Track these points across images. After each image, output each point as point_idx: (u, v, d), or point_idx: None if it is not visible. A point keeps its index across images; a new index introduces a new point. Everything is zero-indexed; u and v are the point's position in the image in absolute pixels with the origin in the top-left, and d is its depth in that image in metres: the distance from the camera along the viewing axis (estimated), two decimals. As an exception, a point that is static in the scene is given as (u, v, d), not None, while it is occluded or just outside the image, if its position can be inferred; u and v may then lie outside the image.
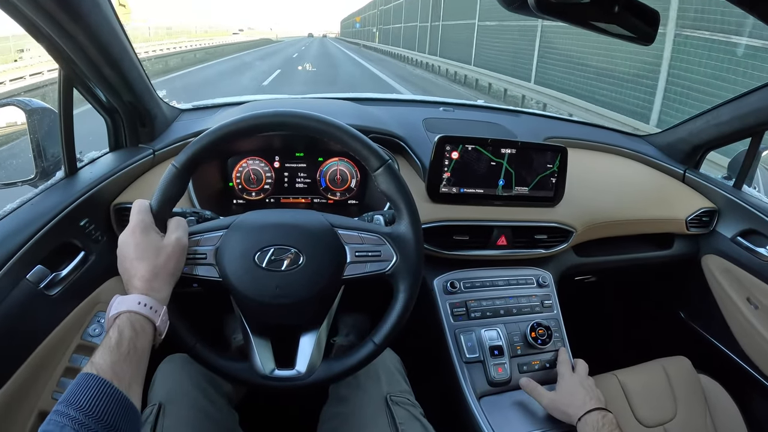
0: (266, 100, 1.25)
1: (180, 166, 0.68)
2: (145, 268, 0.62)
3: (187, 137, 1.02)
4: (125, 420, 0.50)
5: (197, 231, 0.70)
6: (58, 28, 0.72)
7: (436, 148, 0.92)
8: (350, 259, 0.70)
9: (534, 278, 1.04)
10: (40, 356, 0.76)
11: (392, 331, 0.71)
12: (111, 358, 0.53)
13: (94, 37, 0.77)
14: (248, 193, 1.02)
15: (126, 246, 0.64)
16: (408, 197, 0.71)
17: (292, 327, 0.73)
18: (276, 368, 0.70)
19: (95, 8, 0.75)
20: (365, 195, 1.05)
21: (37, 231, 0.78)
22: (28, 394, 0.74)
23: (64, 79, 0.83)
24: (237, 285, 0.68)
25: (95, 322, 0.86)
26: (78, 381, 0.51)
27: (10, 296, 0.72)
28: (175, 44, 20.66)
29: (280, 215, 0.72)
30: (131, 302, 0.59)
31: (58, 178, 0.88)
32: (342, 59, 21.45)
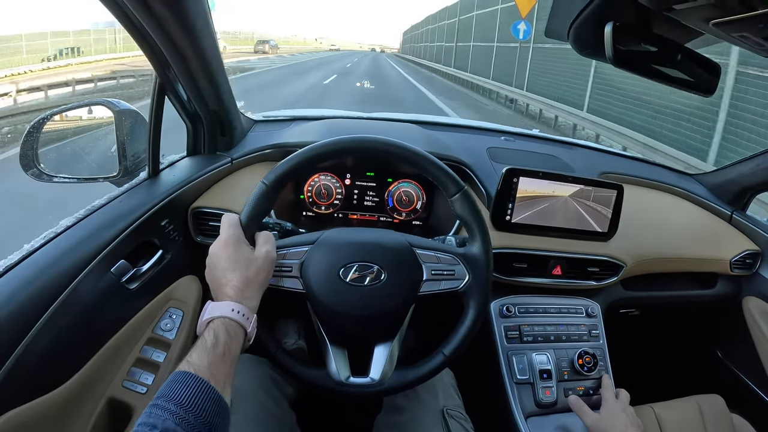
0: (339, 118, 1.29)
1: (270, 183, 0.73)
2: (238, 278, 0.66)
3: (264, 148, 1.06)
4: (220, 418, 0.54)
5: (284, 245, 0.75)
6: (166, 38, 0.77)
7: (503, 179, 0.96)
8: (426, 276, 0.74)
9: (583, 308, 1.06)
10: (114, 345, 0.80)
11: (461, 345, 0.76)
12: (208, 359, 0.56)
13: (201, 51, 0.82)
14: (318, 207, 1.06)
15: (218, 257, 0.68)
16: (482, 221, 0.76)
17: (368, 338, 0.78)
18: (351, 376, 0.75)
19: (205, 25, 0.80)
20: (429, 217, 1.08)
21: (125, 228, 0.82)
22: (101, 380, 0.78)
23: (158, 86, 0.87)
24: (321, 297, 0.73)
25: (167, 317, 0.90)
26: (176, 378, 0.54)
27: (95, 287, 0.76)
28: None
29: (363, 234, 0.77)
30: (225, 309, 0.62)
31: (142, 178, 0.93)
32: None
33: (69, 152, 1.00)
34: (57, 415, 0.68)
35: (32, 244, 0.74)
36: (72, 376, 0.71)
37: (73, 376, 0.71)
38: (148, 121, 0.89)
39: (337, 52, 57.99)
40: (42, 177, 0.94)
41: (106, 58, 19.04)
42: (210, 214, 0.96)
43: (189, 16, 0.75)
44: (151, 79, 0.89)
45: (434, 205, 1.08)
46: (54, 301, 0.68)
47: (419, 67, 26.99)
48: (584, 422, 0.88)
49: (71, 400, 0.71)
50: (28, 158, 0.93)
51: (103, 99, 0.93)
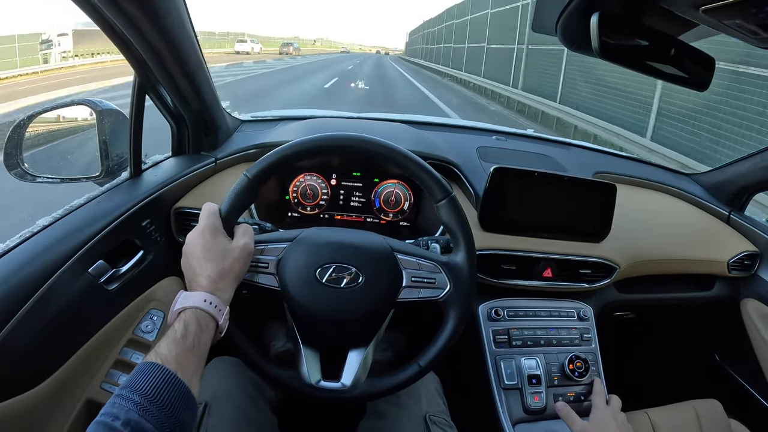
0: (326, 117, 1.28)
1: (252, 176, 0.71)
2: (212, 268, 0.64)
3: (248, 148, 1.05)
4: (186, 410, 0.52)
5: (262, 240, 0.73)
6: (141, 37, 0.76)
7: (491, 179, 0.94)
8: (406, 283, 0.72)
9: (575, 311, 1.04)
10: (92, 347, 0.79)
11: (437, 356, 0.74)
12: (176, 349, 0.55)
13: (175, 49, 0.81)
14: (303, 208, 1.04)
15: (194, 245, 0.66)
16: (467, 230, 0.73)
17: (342, 342, 0.76)
18: (322, 379, 0.73)
19: (180, 22, 0.78)
20: (417, 217, 1.06)
21: (102, 228, 0.81)
22: (78, 381, 0.77)
23: (138, 85, 0.86)
24: (295, 296, 0.71)
25: (148, 319, 0.89)
26: (142, 368, 0.52)
27: (71, 287, 0.75)
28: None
29: (343, 234, 0.75)
30: (197, 299, 0.61)
31: (123, 178, 0.92)
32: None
33: (53, 152, 0.99)
34: (31, 416, 0.67)
35: (7, 243, 0.73)
36: (48, 377, 0.70)
37: (49, 377, 0.70)
38: (129, 122, 0.88)
39: (347, 54, 60.30)
40: (26, 177, 0.93)
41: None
42: (193, 215, 0.95)
43: (160, 14, 0.73)
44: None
45: (422, 206, 1.06)
46: (27, 300, 0.67)
47: (426, 71, 25.03)
48: (572, 430, 0.86)
49: (47, 401, 0.70)
50: (12, 158, 0.92)
51: (85, 98, 0.92)
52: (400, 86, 15.02)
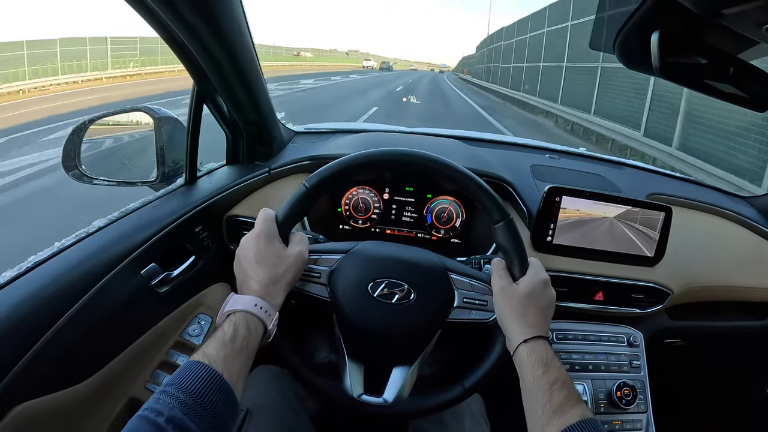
0: (379, 132, 1.28)
1: (311, 186, 0.71)
2: (265, 273, 0.64)
3: (302, 160, 1.06)
4: (229, 413, 0.52)
5: (316, 250, 0.73)
6: (203, 48, 0.78)
7: (545, 198, 0.92)
8: (457, 303, 0.71)
9: (625, 337, 1.00)
10: (140, 347, 0.81)
11: (482, 379, 0.73)
12: (224, 351, 0.55)
13: (235, 60, 0.82)
14: (355, 221, 1.04)
15: (248, 249, 0.67)
16: (522, 254, 0.72)
17: (387, 357, 0.75)
18: (364, 393, 0.72)
19: (240, 34, 0.80)
20: (469, 235, 1.05)
21: (157, 233, 0.83)
22: (123, 379, 0.79)
23: (197, 95, 0.88)
24: (345, 309, 0.71)
25: (195, 323, 0.90)
26: (189, 367, 0.52)
27: (123, 288, 0.77)
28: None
29: (398, 250, 0.75)
30: (248, 303, 0.61)
31: (178, 184, 0.94)
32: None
33: (110, 156, 1.02)
34: (75, 410, 0.68)
35: (63, 242, 0.76)
36: (95, 373, 0.72)
37: (96, 373, 0.72)
38: (186, 129, 0.90)
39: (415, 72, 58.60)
40: (83, 179, 0.96)
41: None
42: (245, 223, 0.97)
43: (222, 26, 0.75)
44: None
45: (474, 224, 1.04)
46: (80, 298, 0.69)
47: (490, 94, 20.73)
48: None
49: (91, 397, 0.71)
50: (71, 159, 0.96)
51: (144, 106, 0.95)
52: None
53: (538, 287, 0.70)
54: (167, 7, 0.67)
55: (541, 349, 0.65)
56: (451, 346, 0.85)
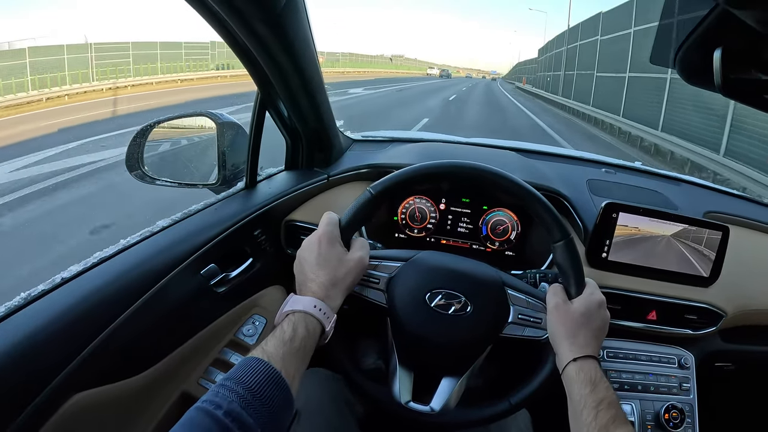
0: (436, 142, 1.29)
1: (376, 193, 0.73)
2: (325, 275, 0.65)
3: (360, 167, 1.08)
4: (285, 410, 0.53)
5: (377, 256, 0.75)
6: (269, 57, 0.81)
7: (602, 214, 0.91)
8: (512, 319, 0.72)
9: (676, 358, 0.98)
10: (195, 344, 0.83)
11: (530, 396, 0.73)
12: (283, 349, 0.56)
13: (300, 69, 0.85)
14: (410, 230, 1.05)
15: (309, 251, 0.68)
16: (580, 274, 0.72)
17: (438, 367, 0.76)
18: (412, 400, 0.73)
19: (306, 45, 0.83)
20: (524, 248, 1.04)
21: (218, 235, 0.86)
22: (177, 375, 0.81)
23: (260, 101, 0.91)
24: (401, 316, 0.72)
25: (250, 323, 0.93)
26: (248, 363, 0.53)
27: (184, 286, 0.80)
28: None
29: (457, 262, 0.76)
30: (307, 303, 0.62)
31: (239, 188, 0.97)
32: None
33: (171, 158, 1.06)
34: (130, 401, 0.71)
35: (128, 240, 0.79)
36: (150, 367, 0.75)
37: (152, 367, 0.75)
38: (249, 134, 0.93)
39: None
40: (145, 179, 1.00)
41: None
42: (303, 228, 0.99)
43: (289, 36, 0.78)
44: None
45: (529, 237, 1.04)
46: (142, 296, 0.72)
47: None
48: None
49: (146, 389, 0.74)
50: (134, 160, 1.00)
51: (208, 111, 0.98)
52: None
53: (593, 308, 0.70)
54: (238, 18, 0.70)
55: (590, 368, 0.65)
56: (499, 360, 0.85)
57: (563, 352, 0.67)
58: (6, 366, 0.56)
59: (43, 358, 0.60)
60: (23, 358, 0.58)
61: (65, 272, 0.70)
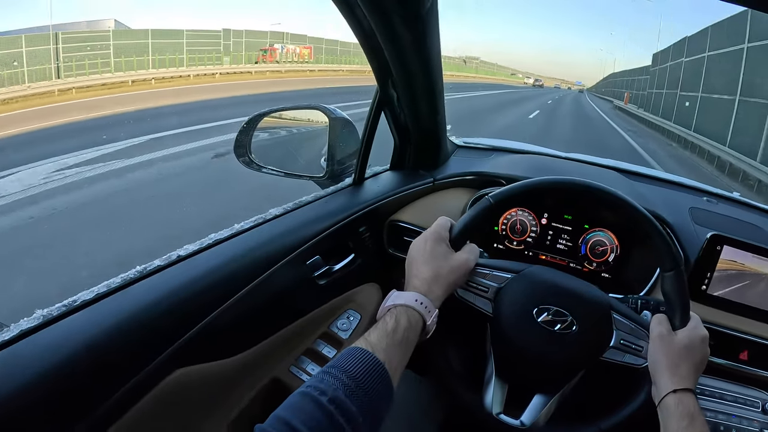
0: (539, 154, 1.30)
1: (495, 202, 0.74)
2: (428, 271, 0.67)
3: (465, 174, 1.09)
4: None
5: (488, 265, 0.76)
6: (400, 57, 0.82)
7: (706, 246, 0.91)
8: (614, 343, 0.72)
9: (761, 402, 0.97)
10: (291, 332, 0.86)
11: (620, 423, 0.73)
12: (386, 341, 0.57)
13: (428, 74, 0.87)
14: (510, 241, 1.06)
15: (416, 249, 0.70)
16: (687, 306, 0.72)
17: (535, 382, 0.77)
18: (502, 412, 0.74)
19: (437, 51, 0.85)
20: (620, 272, 1.04)
21: (328, 228, 0.88)
22: (271, 360, 0.83)
23: (378, 100, 0.93)
24: (507, 328, 0.73)
25: (344, 318, 0.95)
26: (352, 353, 0.55)
27: (289, 275, 0.82)
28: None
29: (567, 280, 0.76)
30: (409, 297, 0.63)
31: (347, 183, 0.99)
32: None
33: (277, 147, 1.09)
34: (223, 380, 0.73)
35: (242, 225, 0.82)
36: (247, 350, 0.77)
37: (249, 350, 0.77)
38: (362, 132, 0.95)
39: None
40: (251, 165, 1.03)
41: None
42: (406, 229, 1.00)
43: (425, 38, 0.79)
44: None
45: (627, 261, 1.03)
46: (253, 280, 0.75)
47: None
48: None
49: (240, 371, 0.76)
50: (242, 147, 1.03)
51: (321, 105, 1.01)
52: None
53: (696, 341, 0.70)
54: (380, 15, 0.71)
55: (689, 402, 0.65)
56: (589, 383, 0.85)
57: (663, 383, 0.67)
58: (123, 332, 0.59)
59: (156, 330, 0.63)
60: (139, 328, 0.60)
61: (181, 250, 0.73)
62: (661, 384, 0.68)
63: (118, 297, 0.62)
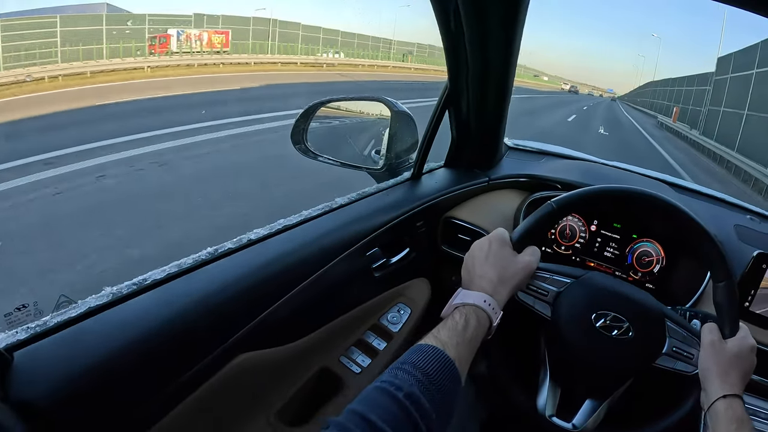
0: (590, 162, 1.30)
1: (558, 207, 0.74)
2: (495, 273, 0.67)
3: (519, 176, 1.10)
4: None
5: (548, 269, 0.76)
6: (482, 54, 0.82)
7: (753, 263, 0.90)
8: (666, 350, 0.72)
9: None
10: (342, 322, 0.85)
11: (667, 430, 0.74)
12: (456, 338, 0.58)
13: (504, 73, 0.87)
14: (558, 246, 1.06)
15: (480, 250, 0.70)
16: (736, 315, 0.72)
17: (588, 386, 0.77)
18: (555, 415, 0.75)
19: (517, 51, 0.84)
20: (664, 283, 1.04)
21: (389, 221, 0.89)
22: (321, 348, 0.83)
23: (446, 96, 0.94)
24: (565, 332, 0.73)
25: (394, 311, 0.94)
26: (424, 350, 0.55)
27: (351, 266, 0.83)
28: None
29: (624, 287, 0.77)
30: (477, 298, 0.64)
31: (405, 177, 0.99)
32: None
33: (333, 137, 1.09)
34: (277, 367, 0.73)
35: (309, 212, 0.82)
36: (301, 338, 0.77)
37: (304, 338, 0.77)
38: (427, 127, 0.95)
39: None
40: (308, 153, 1.04)
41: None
42: (460, 227, 1.00)
43: (512, 38, 0.80)
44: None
45: (672, 273, 1.03)
46: (320, 269, 0.75)
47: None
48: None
49: (293, 358, 0.76)
50: (299, 134, 1.03)
51: (384, 97, 1.01)
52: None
53: (745, 350, 0.72)
54: (476, 16, 0.72)
55: (738, 407, 0.66)
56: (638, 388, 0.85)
57: (713, 389, 0.68)
58: (192, 315, 0.59)
59: (224, 315, 0.63)
60: (207, 312, 0.61)
61: (252, 234, 0.73)
62: (711, 390, 0.68)
63: (189, 279, 0.63)
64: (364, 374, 0.83)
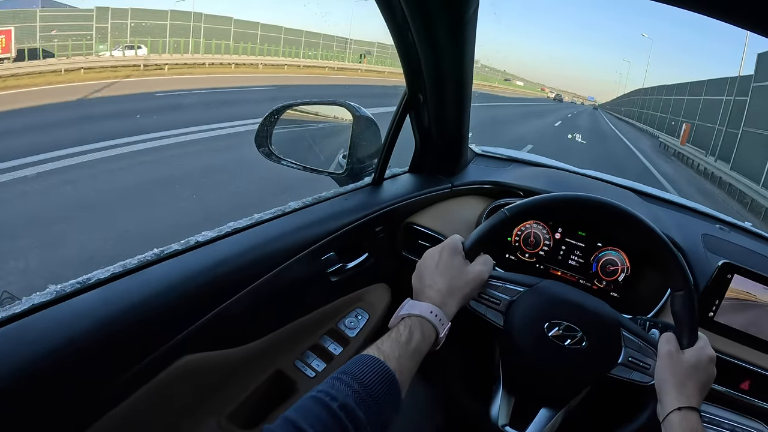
0: (557, 169, 1.30)
1: (511, 215, 0.73)
2: (444, 283, 0.67)
3: (484, 183, 1.10)
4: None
5: (500, 277, 0.76)
6: (435, 63, 0.83)
7: (717, 273, 0.91)
8: (622, 360, 0.72)
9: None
10: (298, 326, 0.85)
11: None
12: (399, 351, 0.57)
13: (459, 81, 0.88)
14: (522, 253, 1.06)
15: (431, 260, 0.70)
16: (695, 326, 0.72)
17: (541, 396, 0.77)
18: (508, 424, 0.75)
19: (471, 57, 0.85)
20: (628, 292, 1.05)
21: (345, 225, 0.89)
22: (276, 352, 0.82)
23: (405, 102, 0.94)
24: (517, 341, 0.73)
25: (352, 316, 0.94)
26: (364, 360, 0.55)
27: (305, 269, 0.82)
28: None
29: (578, 295, 0.77)
30: (424, 309, 0.64)
31: (366, 182, 0.99)
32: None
33: (297, 141, 1.09)
34: (228, 370, 0.73)
35: (261, 215, 0.82)
36: (254, 341, 0.76)
37: (256, 341, 0.77)
38: (386, 133, 0.95)
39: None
40: (271, 157, 1.03)
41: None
42: (421, 233, 1.00)
43: (462, 46, 0.80)
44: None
45: (637, 282, 1.04)
46: (268, 272, 0.75)
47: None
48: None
49: (245, 361, 0.75)
50: (263, 138, 1.03)
51: (347, 102, 1.01)
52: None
53: (703, 361, 0.71)
54: (422, 21, 0.72)
55: (693, 420, 0.65)
56: (592, 399, 0.86)
57: (669, 400, 0.68)
58: (134, 315, 0.58)
59: (168, 315, 0.62)
60: (150, 312, 0.60)
61: (200, 236, 0.72)
62: (666, 401, 0.68)
63: (133, 278, 0.62)
64: (318, 379, 0.83)
